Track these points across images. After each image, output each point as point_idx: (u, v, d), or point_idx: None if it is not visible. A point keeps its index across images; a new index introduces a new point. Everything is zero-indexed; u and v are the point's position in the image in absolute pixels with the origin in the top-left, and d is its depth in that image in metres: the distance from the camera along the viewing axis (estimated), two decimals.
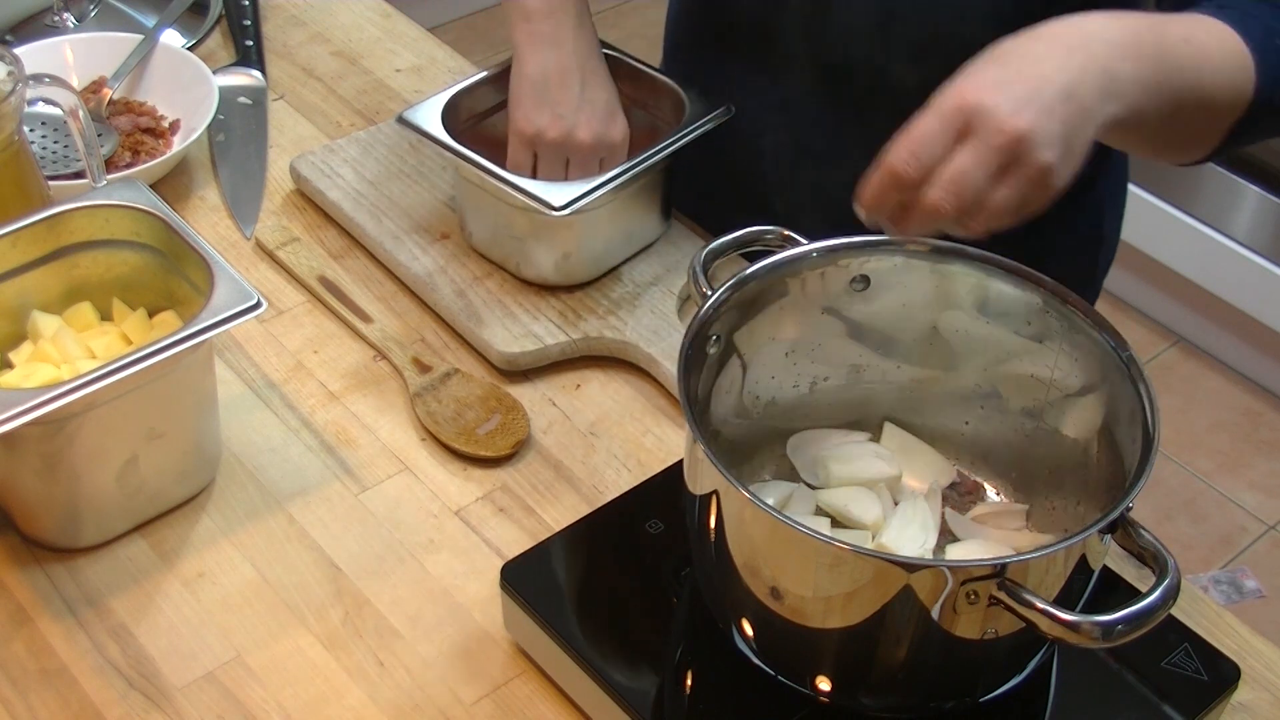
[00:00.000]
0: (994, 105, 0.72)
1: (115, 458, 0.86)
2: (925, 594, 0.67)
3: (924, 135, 0.73)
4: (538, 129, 1.02)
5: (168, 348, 0.82)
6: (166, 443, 0.88)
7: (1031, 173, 0.72)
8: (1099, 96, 0.74)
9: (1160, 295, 2.33)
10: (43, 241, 0.90)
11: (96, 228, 0.91)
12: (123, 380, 0.81)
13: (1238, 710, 0.82)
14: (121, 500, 0.88)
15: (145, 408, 0.85)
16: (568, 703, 0.81)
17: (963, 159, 0.72)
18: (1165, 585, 0.65)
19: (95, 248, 0.92)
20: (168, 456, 0.89)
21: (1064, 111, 0.73)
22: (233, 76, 1.26)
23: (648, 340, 1.01)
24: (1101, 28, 0.76)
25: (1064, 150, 0.73)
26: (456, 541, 0.90)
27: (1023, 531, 0.83)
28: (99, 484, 0.86)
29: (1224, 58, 0.81)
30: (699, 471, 0.74)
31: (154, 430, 0.87)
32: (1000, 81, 0.73)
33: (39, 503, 0.87)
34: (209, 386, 0.91)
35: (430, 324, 1.05)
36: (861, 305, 0.82)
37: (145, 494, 0.89)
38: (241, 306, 0.85)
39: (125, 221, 0.91)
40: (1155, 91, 0.77)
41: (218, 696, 0.81)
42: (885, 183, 0.74)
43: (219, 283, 0.86)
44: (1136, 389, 0.73)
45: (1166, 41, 0.78)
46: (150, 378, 0.83)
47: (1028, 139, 0.72)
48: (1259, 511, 2.09)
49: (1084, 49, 0.75)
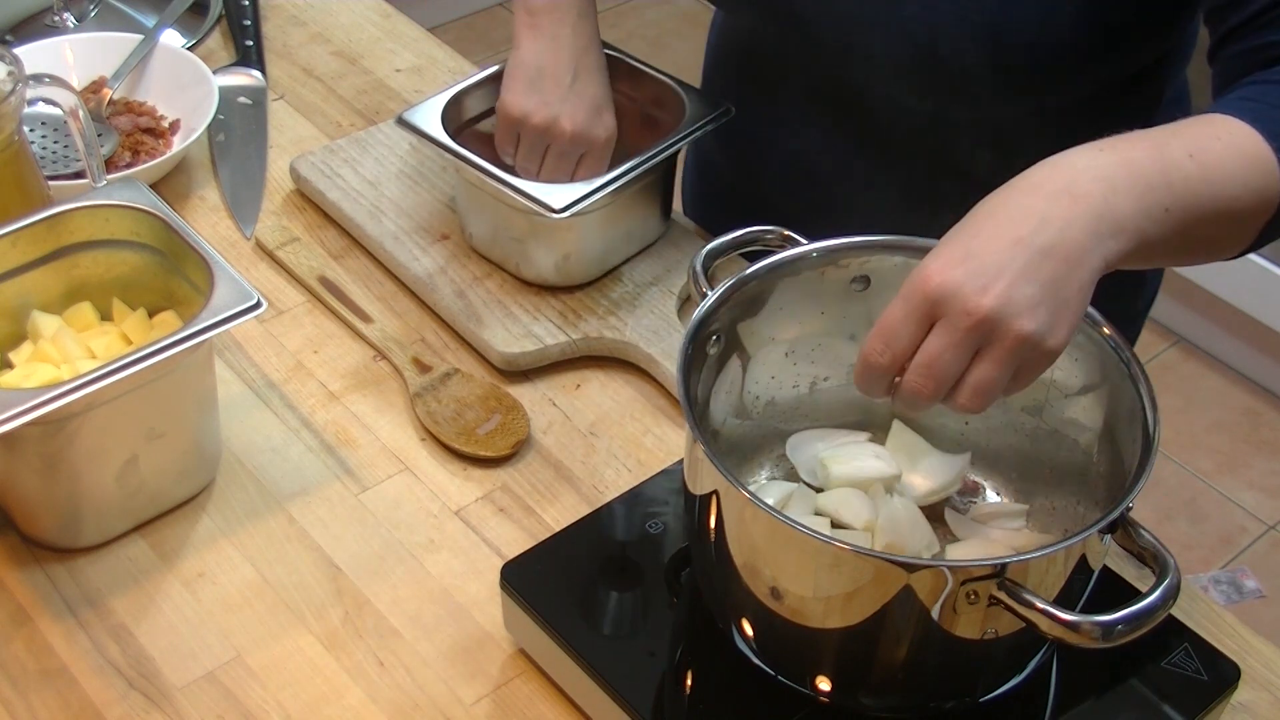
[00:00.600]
0: (957, 286, 0.69)
1: (115, 458, 0.86)
2: (925, 594, 0.67)
3: (892, 324, 0.71)
4: (524, 112, 1.02)
5: (168, 348, 0.82)
6: (167, 442, 0.88)
7: (1011, 344, 0.69)
8: (1092, 240, 0.70)
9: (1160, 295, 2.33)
10: (43, 241, 0.90)
11: (97, 228, 0.91)
12: (123, 380, 0.81)
13: (1238, 710, 0.82)
14: (121, 500, 0.88)
15: (145, 408, 0.85)
16: (568, 703, 0.81)
17: (933, 345, 0.70)
18: (1165, 585, 0.65)
19: (95, 248, 0.92)
20: (168, 456, 0.89)
21: (1044, 271, 0.69)
22: (233, 76, 1.26)
23: (648, 340, 1.01)
24: (1090, 164, 0.72)
25: (1050, 310, 0.69)
26: (456, 541, 0.90)
27: (1023, 531, 0.83)
28: (99, 484, 0.86)
29: (1240, 164, 0.75)
30: (699, 471, 0.74)
31: (154, 430, 0.87)
32: (968, 255, 0.69)
33: (39, 503, 0.87)
34: (209, 386, 0.91)
35: (430, 324, 1.05)
36: (861, 305, 0.82)
37: (145, 494, 0.89)
38: (241, 306, 0.85)
39: (125, 221, 0.91)
40: (1162, 219, 0.73)
41: (218, 696, 0.81)
42: (865, 371, 0.72)
43: (219, 283, 0.86)
44: (1136, 389, 0.73)
45: (1169, 162, 0.73)
46: (150, 378, 0.83)
47: (995, 316, 0.68)
48: (1259, 511, 2.09)
49: (1068, 193, 0.70)
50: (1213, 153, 0.75)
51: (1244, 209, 0.76)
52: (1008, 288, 0.68)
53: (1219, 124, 0.77)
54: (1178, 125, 0.76)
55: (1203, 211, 0.74)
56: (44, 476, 0.85)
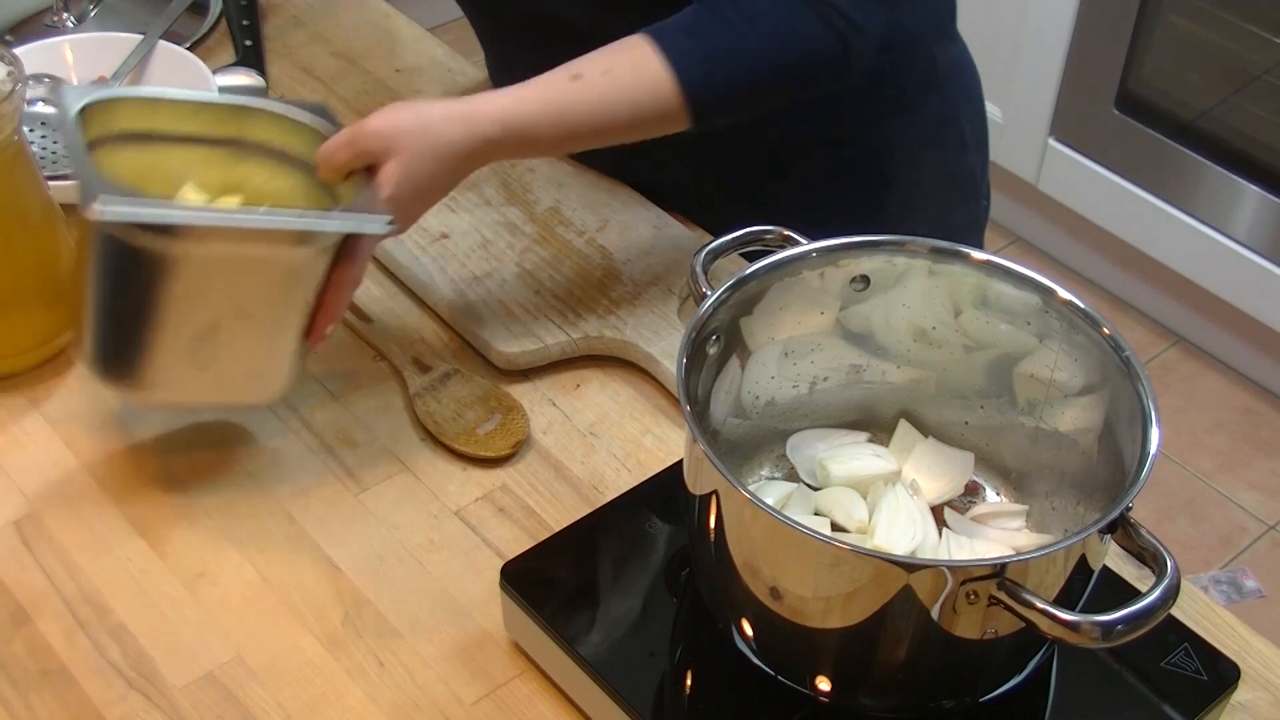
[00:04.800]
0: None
1: (200, 315, 0.85)
2: (925, 594, 0.67)
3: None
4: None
5: (295, 219, 0.84)
6: (251, 328, 0.87)
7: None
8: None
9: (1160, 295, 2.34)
10: (224, 123, 0.92)
11: (276, 134, 0.93)
12: (241, 234, 0.82)
13: (1238, 710, 0.82)
14: (191, 362, 0.87)
15: (249, 280, 0.85)
16: (568, 703, 0.81)
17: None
18: (1165, 585, 0.65)
19: (267, 154, 0.93)
20: (247, 343, 0.88)
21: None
22: (233, 76, 1.26)
23: (648, 340, 1.01)
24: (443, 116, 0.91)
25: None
26: (456, 541, 0.90)
27: (1023, 531, 0.83)
28: (176, 333, 0.85)
29: (635, 81, 0.92)
30: (699, 471, 0.74)
31: (246, 309, 0.86)
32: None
33: (115, 326, 0.86)
34: (305, 304, 0.89)
35: (430, 324, 1.05)
36: (861, 305, 0.83)
37: (214, 373, 0.88)
38: (373, 217, 0.86)
39: (304, 139, 0.93)
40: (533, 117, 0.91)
41: (218, 696, 0.81)
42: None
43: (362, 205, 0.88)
44: (1136, 389, 0.73)
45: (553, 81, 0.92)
46: (266, 246, 0.83)
47: None
48: (1259, 511, 2.09)
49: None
50: (605, 72, 0.92)
51: (643, 117, 0.93)
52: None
53: (635, 47, 0.93)
54: (600, 51, 0.93)
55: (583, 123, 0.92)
56: (129, 301, 0.84)
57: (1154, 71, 2.15)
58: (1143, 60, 2.15)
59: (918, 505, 0.80)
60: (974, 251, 0.80)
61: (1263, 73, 2.07)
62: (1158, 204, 2.20)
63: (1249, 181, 2.08)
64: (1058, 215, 2.39)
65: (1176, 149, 2.14)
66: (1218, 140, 2.11)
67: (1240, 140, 2.09)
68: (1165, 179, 2.18)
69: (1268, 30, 2.03)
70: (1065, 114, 2.27)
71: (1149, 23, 2.11)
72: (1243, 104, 2.09)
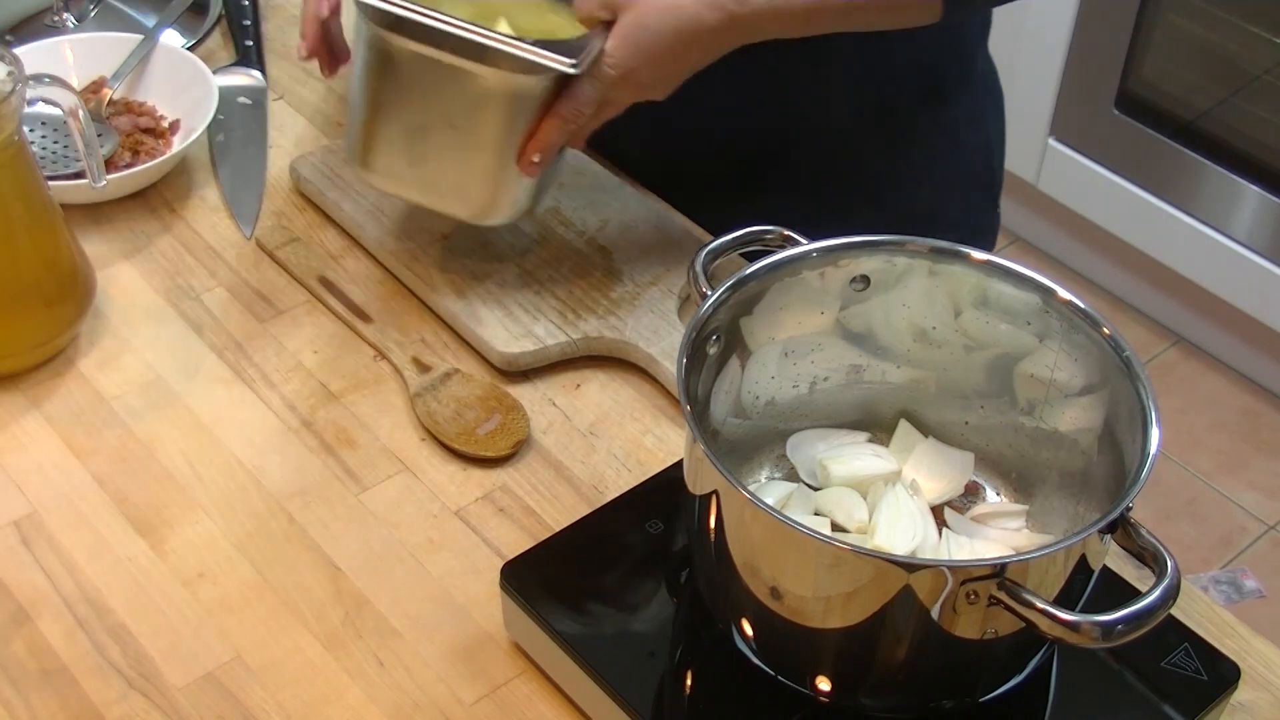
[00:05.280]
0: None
1: (414, 111, 0.94)
2: (925, 594, 0.67)
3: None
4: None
5: (475, 35, 0.89)
6: (455, 140, 0.95)
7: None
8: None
9: (1160, 295, 2.34)
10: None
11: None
12: (438, 34, 0.89)
13: (1238, 710, 0.82)
14: (405, 155, 0.97)
15: (449, 91, 0.92)
16: (568, 703, 0.81)
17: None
18: (1165, 585, 0.65)
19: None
20: (451, 154, 0.96)
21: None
22: (233, 76, 1.26)
23: (648, 340, 1.01)
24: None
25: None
26: (456, 541, 0.90)
27: (1023, 531, 0.83)
28: (390, 122, 0.95)
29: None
30: (699, 471, 0.74)
31: (452, 120, 0.94)
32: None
33: (354, 111, 0.97)
34: (505, 132, 0.95)
35: (430, 324, 1.05)
36: (861, 305, 0.83)
37: (423, 172, 0.97)
38: (558, 58, 0.91)
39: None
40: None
41: (218, 696, 0.81)
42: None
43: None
44: (1136, 389, 0.73)
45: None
46: (457, 57, 0.90)
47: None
48: (1259, 511, 2.09)
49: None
50: None
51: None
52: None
53: None
54: None
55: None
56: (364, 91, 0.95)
57: (1154, 72, 2.15)
58: (1142, 60, 2.15)
59: (918, 505, 0.80)
60: (974, 251, 0.80)
61: (1263, 73, 2.07)
62: (1158, 204, 2.20)
63: (1249, 181, 2.08)
64: (1058, 215, 2.39)
65: (1176, 149, 2.14)
66: (1218, 140, 2.11)
67: (1240, 140, 2.09)
68: (1165, 179, 2.18)
69: (1268, 30, 2.03)
70: (1065, 114, 2.27)
71: (1149, 23, 2.11)
72: (1243, 104, 2.10)
